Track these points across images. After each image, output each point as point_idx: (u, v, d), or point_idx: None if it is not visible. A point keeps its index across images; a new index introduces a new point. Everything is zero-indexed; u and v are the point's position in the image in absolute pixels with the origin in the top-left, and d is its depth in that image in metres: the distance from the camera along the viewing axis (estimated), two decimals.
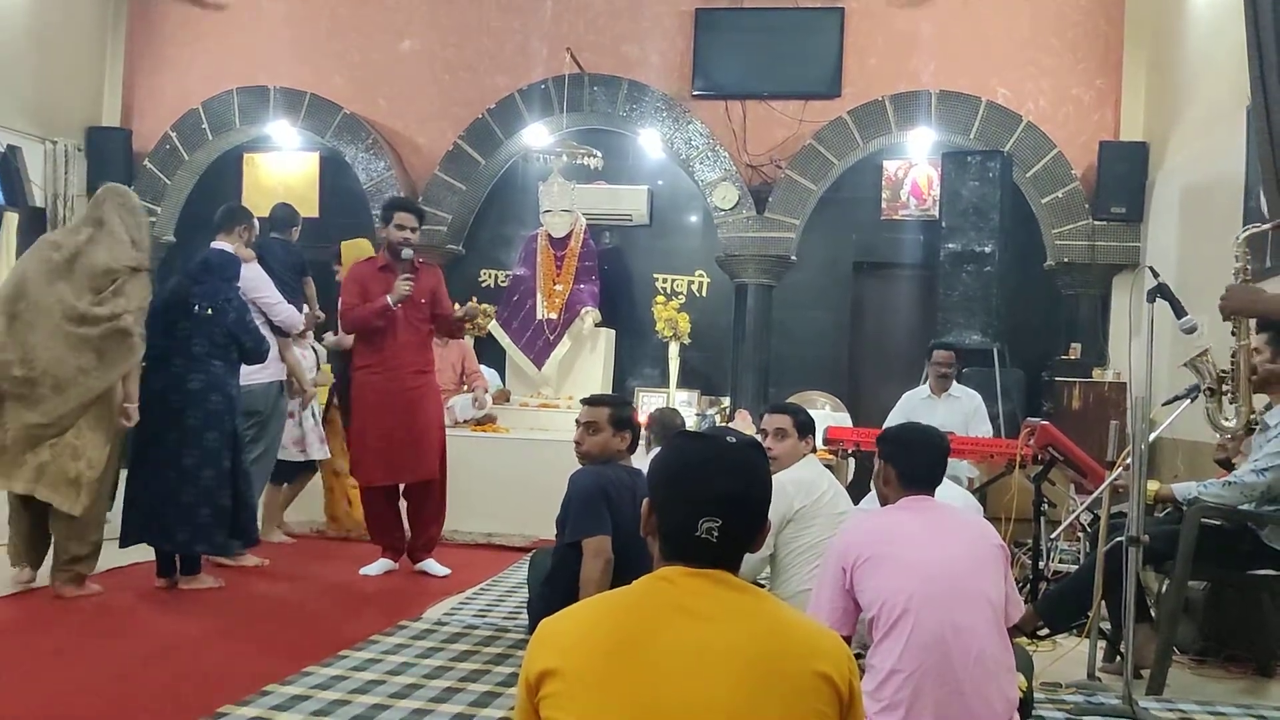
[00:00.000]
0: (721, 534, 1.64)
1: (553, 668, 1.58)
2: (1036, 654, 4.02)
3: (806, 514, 3.92)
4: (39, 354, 4.58)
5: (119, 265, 4.76)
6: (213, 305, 4.99)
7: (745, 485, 1.70)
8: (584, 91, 9.08)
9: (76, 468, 4.61)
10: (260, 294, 5.75)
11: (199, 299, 4.99)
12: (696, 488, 1.68)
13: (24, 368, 4.56)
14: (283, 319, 5.87)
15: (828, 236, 9.09)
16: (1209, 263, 6.70)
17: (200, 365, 4.91)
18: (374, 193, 9.32)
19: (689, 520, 1.65)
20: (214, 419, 4.92)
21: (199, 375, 4.90)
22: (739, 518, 1.67)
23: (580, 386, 8.37)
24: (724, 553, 1.66)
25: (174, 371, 4.89)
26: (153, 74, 10.01)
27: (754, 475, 1.72)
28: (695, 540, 1.65)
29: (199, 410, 4.88)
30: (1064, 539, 5.63)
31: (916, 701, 2.63)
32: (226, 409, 5.00)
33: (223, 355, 5.01)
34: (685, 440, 1.80)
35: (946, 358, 6.70)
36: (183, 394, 4.87)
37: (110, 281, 4.73)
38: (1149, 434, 3.87)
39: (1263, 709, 3.88)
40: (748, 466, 1.72)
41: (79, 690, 3.46)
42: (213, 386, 4.93)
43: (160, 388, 4.88)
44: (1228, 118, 6.48)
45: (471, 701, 3.46)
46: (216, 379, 4.95)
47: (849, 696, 1.61)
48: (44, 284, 4.67)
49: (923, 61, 8.79)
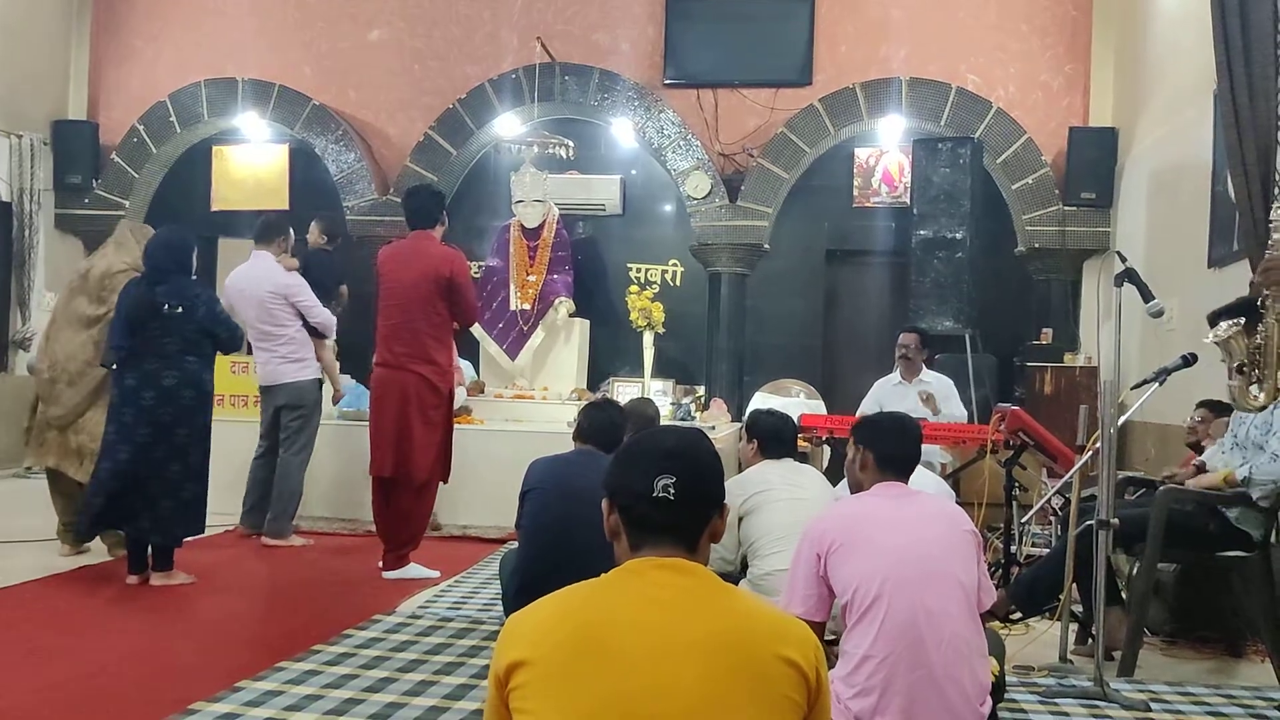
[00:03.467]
0: (678, 492, 1.67)
1: (521, 660, 1.58)
2: (1009, 638, 4.05)
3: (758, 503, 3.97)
4: (59, 356, 5.45)
5: (116, 268, 5.42)
6: (182, 303, 4.96)
7: (690, 445, 1.76)
8: (555, 81, 9.05)
9: (78, 440, 5.39)
10: (299, 298, 6.11)
11: (166, 298, 4.95)
12: (648, 452, 1.74)
13: (50, 371, 5.47)
14: (319, 321, 6.21)
15: (800, 225, 9.11)
16: (1178, 246, 6.76)
17: (174, 362, 4.93)
18: (345, 184, 9.27)
19: (645, 482, 1.68)
20: (185, 414, 4.95)
21: (172, 372, 4.92)
22: (691, 472, 1.70)
23: (554, 377, 8.38)
24: (684, 518, 1.69)
25: (147, 369, 4.91)
26: (119, 66, 9.91)
27: (698, 440, 1.79)
28: (654, 502, 1.67)
29: (171, 406, 4.91)
30: (1035, 523, 5.68)
31: (889, 686, 2.64)
32: (199, 404, 5.03)
33: (196, 350, 5.02)
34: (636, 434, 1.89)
35: (908, 339, 6.70)
36: (156, 390, 4.90)
37: (109, 284, 5.37)
38: (1118, 418, 3.89)
39: (1232, 688, 3.92)
40: (691, 433, 1.81)
41: (51, 687, 3.42)
42: (185, 383, 4.96)
43: (134, 384, 4.90)
44: (1195, 102, 6.53)
45: (446, 695, 3.45)
46: (190, 375, 4.98)
47: (816, 682, 1.61)
48: (69, 300, 5.57)
49: (893, 48, 8.82)
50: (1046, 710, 3.55)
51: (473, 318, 5.59)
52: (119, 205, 9.61)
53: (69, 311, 5.53)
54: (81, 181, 9.61)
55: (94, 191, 9.63)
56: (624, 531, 1.72)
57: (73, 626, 4.25)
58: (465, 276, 5.36)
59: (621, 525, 1.72)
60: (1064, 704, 3.60)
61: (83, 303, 5.47)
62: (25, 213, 9.11)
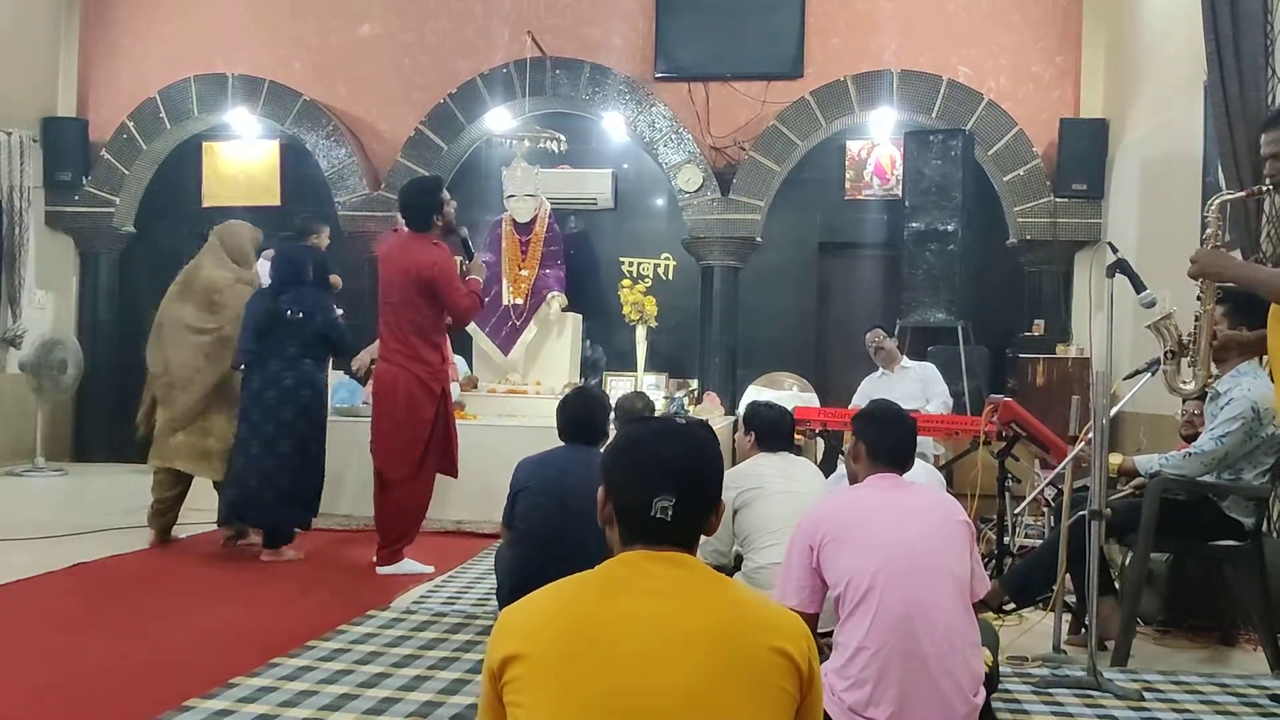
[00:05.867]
0: (675, 512, 1.65)
1: (515, 653, 1.58)
2: (1003, 628, 4.06)
3: (751, 497, 3.97)
4: (171, 362, 5.77)
5: (222, 281, 5.86)
6: (302, 310, 5.56)
7: (695, 459, 1.72)
8: (546, 75, 9.04)
9: (206, 444, 5.74)
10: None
11: (288, 305, 5.55)
12: (647, 465, 1.70)
13: (165, 375, 5.78)
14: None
15: (792, 217, 9.11)
16: (1169, 237, 6.76)
17: (293, 364, 5.55)
18: (336, 180, 9.25)
19: (643, 500, 1.66)
20: (303, 411, 5.57)
21: (291, 373, 5.54)
22: (691, 493, 1.68)
23: (547, 372, 8.37)
24: (680, 533, 1.68)
25: (270, 371, 5.52)
26: (108, 62, 9.87)
27: (703, 450, 1.74)
28: (651, 520, 1.66)
29: (291, 404, 5.52)
30: (1029, 514, 5.70)
31: (883, 677, 2.64)
32: (315, 401, 5.68)
33: (313, 353, 5.65)
34: (635, 424, 1.82)
35: (874, 337, 6.86)
36: (277, 390, 5.51)
37: (214, 295, 5.81)
38: (1110, 408, 3.90)
39: (1225, 677, 3.94)
40: (696, 442, 1.75)
41: (46, 686, 3.42)
42: (303, 383, 5.57)
43: (258, 387, 5.53)
44: (1186, 93, 6.53)
45: (440, 689, 3.45)
46: (307, 375, 5.60)
47: (808, 673, 1.62)
48: (174, 307, 5.86)
49: (884, 40, 8.82)
50: (1040, 700, 3.55)
51: (462, 316, 5.52)
52: (109, 202, 9.58)
53: (175, 317, 5.83)
54: (71, 179, 9.57)
55: (84, 188, 9.59)
56: (617, 526, 1.72)
57: (64, 624, 4.24)
58: (447, 276, 5.31)
59: (615, 519, 1.72)
60: (1058, 694, 3.61)
61: (190, 311, 5.81)
62: (15, 210, 9.07)
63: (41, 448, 8.76)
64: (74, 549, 5.56)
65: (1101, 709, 3.48)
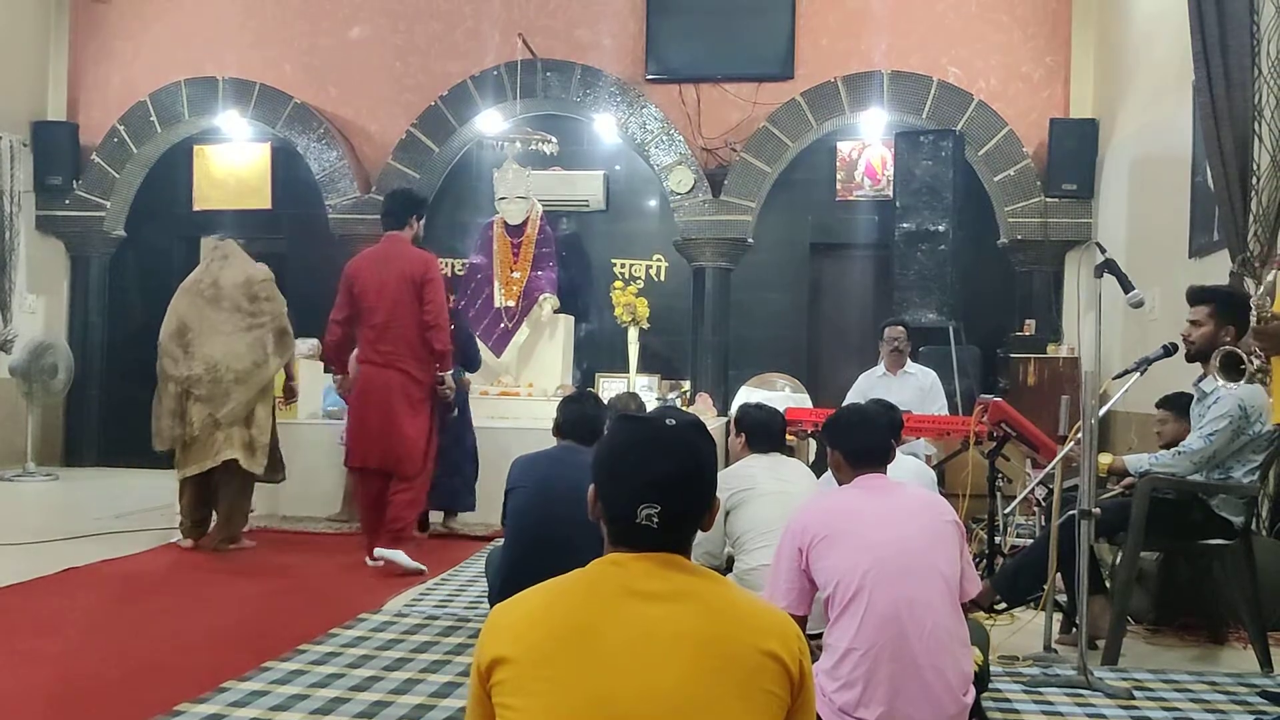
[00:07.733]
0: (661, 520, 1.63)
1: (504, 655, 1.57)
2: (994, 628, 4.07)
3: (743, 498, 3.97)
4: (218, 359, 5.74)
5: (259, 276, 5.93)
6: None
7: (683, 467, 1.67)
8: (537, 77, 9.04)
9: (249, 434, 5.80)
10: None
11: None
12: (634, 473, 1.66)
13: (210, 374, 5.72)
14: None
15: (784, 218, 9.12)
16: (1158, 236, 6.79)
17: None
18: (327, 183, 9.24)
19: (628, 507, 1.64)
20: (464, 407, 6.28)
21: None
22: (677, 501, 1.65)
23: (540, 373, 8.36)
24: (667, 538, 1.65)
25: None
26: (98, 66, 9.85)
27: (692, 457, 1.69)
28: (636, 527, 1.64)
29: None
30: (1019, 513, 5.71)
31: (873, 678, 2.65)
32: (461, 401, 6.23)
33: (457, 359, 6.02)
34: (623, 424, 1.78)
35: (897, 333, 6.72)
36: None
37: (253, 290, 5.88)
38: (1099, 408, 3.91)
39: (1215, 675, 3.95)
40: (686, 448, 1.70)
41: (35, 689, 3.41)
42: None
43: None
44: (1174, 93, 6.55)
45: (432, 692, 3.45)
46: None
47: (799, 675, 1.61)
48: (204, 313, 5.84)
49: (874, 41, 8.83)
50: (1031, 699, 3.56)
51: (439, 318, 5.54)
52: (100, 206, 9.56)
53: (208, 320, 5.82)
54: (62, 182, 9.56)
55: (74, 192, 9.58)
56: (606, 527, 1.70)
57: (54, 628, 4.23)
58: (438, 277, 5.56)
59: (603, 520, 1.71)
60: (1048, 693, 3.62)
61: (227, 310, 5.83)
62: (5, 214, 9.04)
63: (32, 452, 8.75)
64: (65, 554, 5.55)
65: (1092, 708, 3.49)
